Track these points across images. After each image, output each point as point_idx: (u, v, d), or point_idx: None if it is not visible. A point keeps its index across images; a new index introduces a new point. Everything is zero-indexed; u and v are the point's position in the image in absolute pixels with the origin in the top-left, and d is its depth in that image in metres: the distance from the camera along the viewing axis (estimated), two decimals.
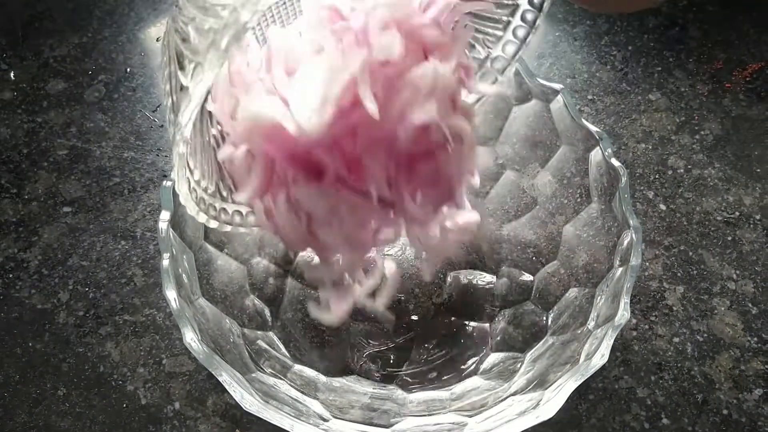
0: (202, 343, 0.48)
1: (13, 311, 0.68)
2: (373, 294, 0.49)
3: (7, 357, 0.66)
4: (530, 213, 0.67)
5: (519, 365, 0.59)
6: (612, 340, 0.49)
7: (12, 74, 0.85)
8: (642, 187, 0.77)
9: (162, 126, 0.81)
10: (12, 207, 0.75)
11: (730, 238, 0.73)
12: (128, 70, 0.86)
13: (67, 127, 0.80)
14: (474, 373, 0.62)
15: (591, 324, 0.54)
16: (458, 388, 0.61)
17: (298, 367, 0.61)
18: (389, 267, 0.51)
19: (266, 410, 0.46)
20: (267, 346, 0.60)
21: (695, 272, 0.71)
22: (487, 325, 0.66)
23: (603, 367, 0.49)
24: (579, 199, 0.62)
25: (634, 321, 0.68)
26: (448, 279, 0.69)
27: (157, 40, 0.89)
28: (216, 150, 0.46)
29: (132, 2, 0.92)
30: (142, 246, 0.72)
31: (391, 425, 0.53)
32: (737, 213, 0.75)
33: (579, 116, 0.59)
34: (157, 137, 0.80)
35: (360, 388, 0.61)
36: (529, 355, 0.59)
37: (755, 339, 0.67)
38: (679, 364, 0.66)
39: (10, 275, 0.70)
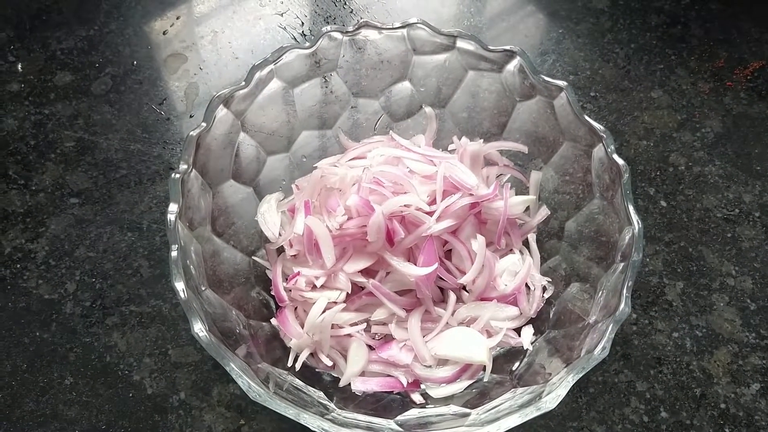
0: (210, 333, 0.49)
1: (21, 301, 0.69)
2: None
3: (15, 346, 0.67)
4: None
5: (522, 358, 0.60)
6: (613, 335, 0.50)
7: (19, 66, 0.85)
8: (643, 184, 0.78)
9: (168, 119, 0.82)
10: (19, 198, 0.75)
11: (729, 235, 0.74)
12: (135, 63, 0.86)
13: (74, 119, 0.81)
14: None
15: (592, 318, 0.55)
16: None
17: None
18: None
19: (272, 400, 0.47)
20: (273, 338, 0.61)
21: (695, 268, 0.72)
22: None
23: (603, 361, 0.50)
24: (581, 195, 0.63)
25: (634, 316, 0.69)
26: None
27: (164, 33, 0.89)
28: None
29: None
30: (148, 237, 0.73)
31: (395, 416, 0.54)
32: (737, 210, 0.76)
33: (582, 113, 0.60)
34: (163, 130, 0.81)
35: None
36: (532, 347, 0.60)
37: (753, 334, 0.68)
38: (678, 359, 0.67)
39: (18, 265, 0.71)
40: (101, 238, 0.73)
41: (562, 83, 0.61)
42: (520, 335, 0.62)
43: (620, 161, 0.56)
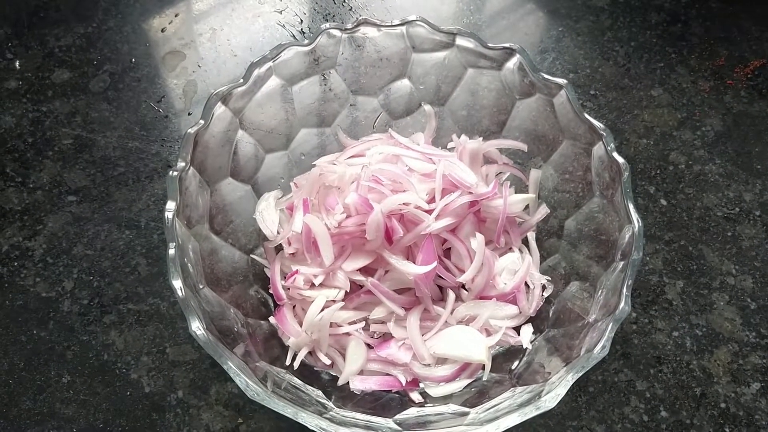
0: (208, 331, 0.48)
1: (18, 299, 0.69)
2: None
3: (12, 344, 0.66)
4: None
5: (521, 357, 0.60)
6: (612, 333, 0.50)
7: (17, 63, 0.85)
8: (643, 182, 0.77)
9: (166, 117, 0.81)
10: (17, 195, 0.75)
11: (729, 234, 0.74)
12: (133, 60, 0.86)
13: (72, 117, 0.81)
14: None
15: (591, 317, 0.54)
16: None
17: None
18: None
19: (270, 398, 0.47)
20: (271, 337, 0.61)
21: (695, 267, 0.72)
22: None
23: (603, 360, 0.50)
24: (581, 194, 0.62)
25: (634, 315, 0.69)
26: None
27: (162, 30, 0.89)
28: None
29: None
30: (146, 235, 0.73)
31: (393, 415, 0.54)
32: (737, 209, 0.76)
33: (582, 111, 0.60)
34: (161, 127, 0.80)
35: None
36: (532, 346, 0.60)
37: (753, 334, 0.68)
38: (678, 358, 0.67)
39: (15, 263, 0.71)
40: (99, 235, 0.73)
41: (561, 81, 0.61)
42: (519, 334, 0.62)
43: (620, 159, 0.56)
